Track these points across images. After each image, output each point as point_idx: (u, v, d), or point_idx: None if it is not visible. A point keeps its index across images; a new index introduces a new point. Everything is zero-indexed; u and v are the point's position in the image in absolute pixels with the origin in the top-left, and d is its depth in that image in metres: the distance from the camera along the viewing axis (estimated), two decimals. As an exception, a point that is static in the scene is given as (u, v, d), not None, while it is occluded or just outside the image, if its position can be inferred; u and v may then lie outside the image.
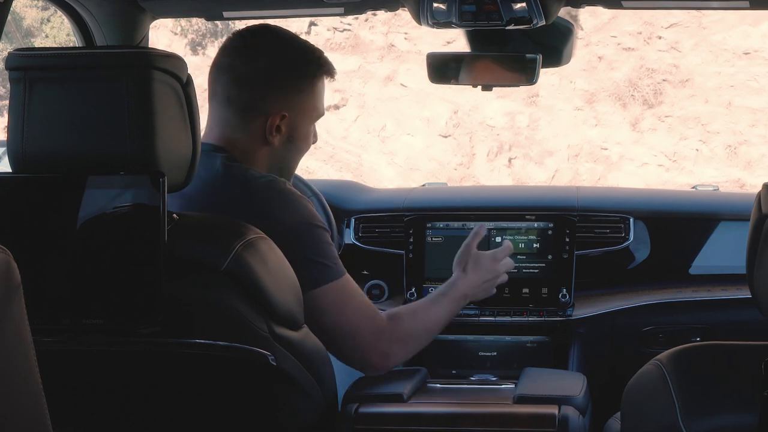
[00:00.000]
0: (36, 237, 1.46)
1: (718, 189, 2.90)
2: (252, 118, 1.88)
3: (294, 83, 1.90)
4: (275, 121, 1.88)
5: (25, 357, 0.99)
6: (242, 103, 1.87)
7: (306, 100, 1.92)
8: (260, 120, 1.88)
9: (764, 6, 2.17)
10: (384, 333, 1.86)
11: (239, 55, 1.89)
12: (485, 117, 10.63)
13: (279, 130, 1.89)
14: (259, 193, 1.79)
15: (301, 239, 1.77)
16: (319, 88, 1.93)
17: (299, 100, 1.91)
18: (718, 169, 9.85)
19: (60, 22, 12.79)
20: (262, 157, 1.90)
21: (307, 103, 1.92)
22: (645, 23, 10.60)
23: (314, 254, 1.78)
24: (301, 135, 1.93)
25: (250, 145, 1.89)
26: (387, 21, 11.09)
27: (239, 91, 1.87)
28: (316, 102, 1.94)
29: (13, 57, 1.49)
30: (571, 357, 2.45)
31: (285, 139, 1.91)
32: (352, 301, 1.83)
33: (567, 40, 2.24)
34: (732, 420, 1.33)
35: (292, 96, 1.89)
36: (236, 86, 1.87)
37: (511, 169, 10.43)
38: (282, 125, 1.89)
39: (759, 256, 1.35)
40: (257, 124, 1.88)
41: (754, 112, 10.00)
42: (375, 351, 1.85)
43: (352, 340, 1.83)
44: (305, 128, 1.94)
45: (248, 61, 1.88)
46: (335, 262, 1.81)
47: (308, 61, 1.92)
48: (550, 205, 2.61)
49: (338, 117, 10.74)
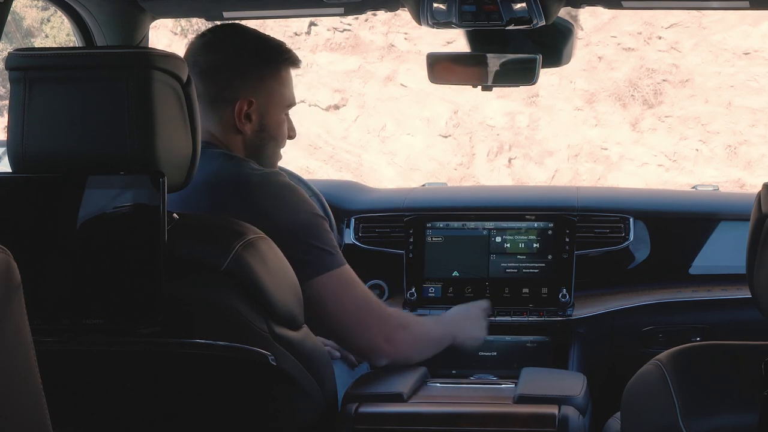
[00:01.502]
0: (36, 237, 1.46)
1: (718, 189, 2.90)
2: (221, 108, 1.93)
3: (257, 70, 1.95)
4: (243, 107, 1.92)
5: (25, 357, 0.99)
6: (210, 96, 1.92)
7: (272, 87, 1.96)
8: (229, 109, 1.93)
9: (764, 6, 2.17)
10: (389, 319, 1.91)
11: (203, 51, 1.95)
12: (485, 117, 10.63)
13: (249, 118, 1.94)
14: (255, 187, 1.82)
15: (302, 229, 1.81)
16: (283, 75, 1.99)
17: (265, 87, 1.95)
18: (718, 169, 9.84)
19: (60, 22, 12.79)
20: (236, 147, 1.95)
21: (273, 89, 1.97)
22: (645, 23, 10.60)
23: (316, 241, 1.82)
24: (272, 123, 1.98)
25: (223, 135, 1.94)
26: (387, 21, 11.08)
27: (205, 84, 1.91)
28: (283, 90, 1.99)
29: (13, 57, 1.49)
30: (571, 357, 2.45)
31: (256, 128, 1.95)
32: (355, 288, 1.87)
33: (567, 40, 2.24)
34: (732, 420, 1.33)
35: (258, 83, 1.95)
36: (202, 80, 1.90)
37: (511, 169, 10.43)
38: (251, 113, 1.94)
39: (759, 256, 1.35)
40: (227, 114, 1.93)
41: (754, 112, 10.00)
42: (380, 335, 1.89)
43: (358, 326, 1.86)
44: (275, 116, 1.98)
45: (211, 55, 1.94)
46: (336, 251, 1.86)
47: (270, 48, 1.98)
48: (550, 205, 2.61)
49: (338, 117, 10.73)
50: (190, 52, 1.96)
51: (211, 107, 1.93)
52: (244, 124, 1.94)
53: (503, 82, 2.27)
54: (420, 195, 2.78)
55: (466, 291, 2.54)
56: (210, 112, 1.92)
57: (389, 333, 1.91)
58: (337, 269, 1.84)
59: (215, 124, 1.93)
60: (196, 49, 1.96)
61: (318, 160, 10.33)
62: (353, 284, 1.87)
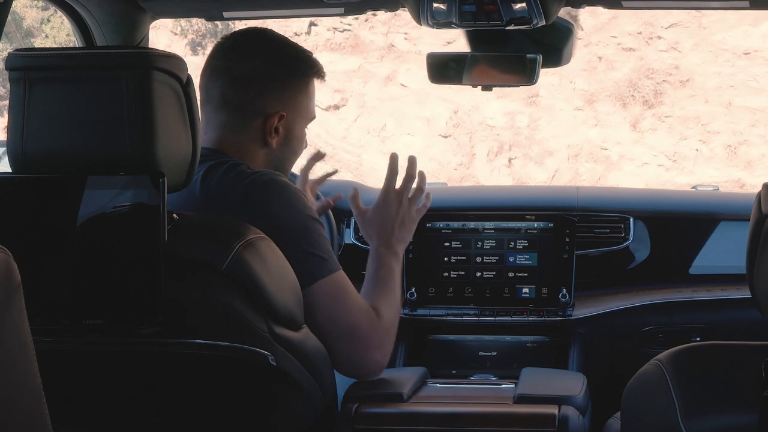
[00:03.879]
0: (36, 237, 1.46)
1: (718, 189, 2.90)
2: (250, 119, 1.88)
3: (290, 83, 1.90)
4: (274, 122, 1.88)
5: (25, 357, 0.99)
6: (239, 104, 1.87)
7: (301, 101, 1.93)
8: (259, 121, 1.88)
9: (764, 6, 2.17)
10: (379, 326, 1.82)
11: (234, 57, 1.89)
12: (485, 117, 10.63)
13: (277, 132, 1.89)
14: (253, 187, 1.79)
15: (297, 232, 1.76)
16: (311, 89, 1.95)
17: (295, 101, 1.91)
18: (718, 169, 9.85)
19: (60, 22, 12.80)
20: (259, 159, 1.90)
21: (302, 103, 1.93)
22: (645, 23, 10.60)
23: (311, 247, 1.76)
24: (296, 137, 1.94)
25: (247, 146, 1.89)
26: (387, 21, 11.09)
27: (236, 91, 1.87)
28: (310, 103, 1.95)
29: (13, 57, 1.49)
30: (571, 357, 2.45)
31: (282, 141, 1.91)
32: (349, 295, 1.80)
33: (567, 40, 2.24)
34: (732, 420, 1.33)
35: (289, 96, 1.90)
36: (232, 87, 1.87)
37: (511, 169, 10.43)
38: (280, 126, 1.89)
39: (759, 256, 1.35)
40: (256, 126, 1.88)
41: (754, 112, 10.00)
42: (372, 345, 1.81)
43: (352, 336, 1.79)
44: (300, 130, 1.95)
45: (244, 62, 1.88)
46: (330, 256, 1.79)
47: (301, 61, 1.93)
48: (550, 205, 2.61)
49: (338, 117, 10.74)
50: (219, 55, 1.90)
51: (236, 116, 1.87)
52: (273, 138, 1.89)
53: (503, 82, 2.27)
54: (420, 195, 2.78)
55: (466, 291, 2.54)
56: (237, 122, 1.88)
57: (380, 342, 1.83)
58: (330, 276, 1.77)
59: (240, 134, 1.88)
60: (226, 52, 1.89)
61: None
62: (347, 292, 1.80)
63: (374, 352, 1.81)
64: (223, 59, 1.89)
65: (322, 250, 1.78)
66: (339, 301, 1.78)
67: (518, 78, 2.21)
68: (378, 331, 1.82)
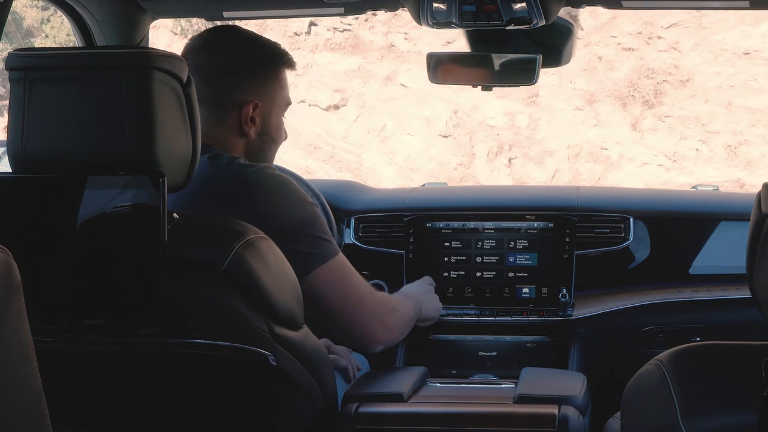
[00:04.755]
0: (36, 237, 1.46)
1: (718, 189, 2.90)
2: (225, 112, 1.93)
3: (260, 72, 1.96)
4: (249, 111, 1.93)
5: (25, 357, 0.99)
6: (213, 99, 1.92)
7: (274, 89, 1.98)
8: (234, 112, 1.94)
9: (764, 6, 2.17)
10: (382, 303, 1.99)
11: (204, 54, 1.94)
12: (485, 117, 10.63)
13: (254, 122, 1.95)
14: (252, 182, 1.82)
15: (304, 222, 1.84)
16: (282, 78, 2.01)
17: (268, 89, 1.97)
18: (718, 169, 9.84)
19: (60, 22, 12.79)
20: (239, 150, 1.96)
21: (275, 92, 1.98)
22: (645, 23, 10.60)
23: (317, 231, 1.86)
24: (274, 126, 2.00)
25: (227, 139, 1.94)
26: (387, 21, 11.08)
27: (209, 87, 1.91)
28: (283, 91, 2.01)
29: (13, 57, 1.49)
30: (571, 357, 2.45)
31: (259, 131, 1.97)
32: (353, 272, 1.92)
33: (567, 40, 2.24)
34: (732, 420, 1.33)
35: (261, 85, 1.96)
36: (205, 83, 1.90)
37: (511, 169, 10.43)
38: (255, 116, 1.95)
39: (759, 256, 1.35)
40: (232, 117, 1.94)
41: (754, 112, 10.00)
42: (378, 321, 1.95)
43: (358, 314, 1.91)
44: (276, 118, 2.00)
45: (213, 57, 1.93)
46: (331, 237, 1.89)
47: (269, 52, 1.99)
48: (550, 205, 2.61)
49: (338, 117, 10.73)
50: (189, 54, 1.95)
51: (213, 111, 1.92)
52: (249, 127, 1.95)
53: (503, 82, 2.27)
54: (420, 195, 2.78)
55: (466, 291, 2.54)
56: (212, 116, 1.92)
57: (384, 318, 1.98)
58: (336, 258, 1.88)
59: (217, 127, 1.93)
60: (196, 51, 1.95)
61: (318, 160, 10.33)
62: (351, 271, 1.92)
63: (377, 326, 1.95)
64: (194, 58, 1.93)
65: (325, 233, 1.88)
66: (344, 284, 1.90)
67: (518, 78, 2.22)
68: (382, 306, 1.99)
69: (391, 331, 2.00)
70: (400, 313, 2.07)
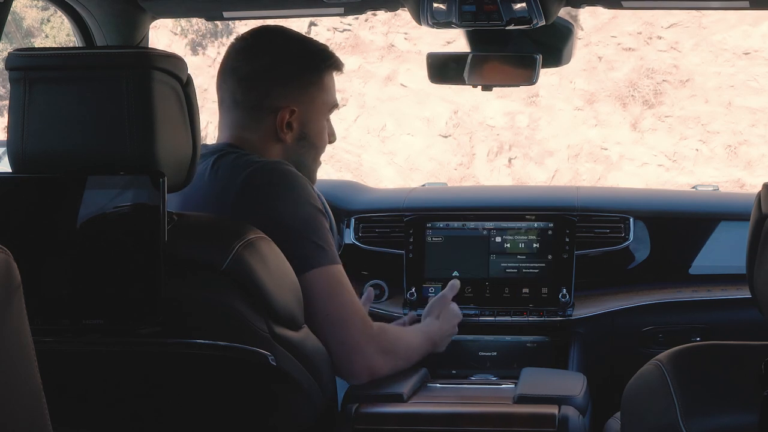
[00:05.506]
0: (36, 237, 1.46)
1: (718, 189, 2.90)
2: (261, 116, 1.89)
3: (299, 77, 1.90)
4: (284, 117, 1.88)
5: (25, 357, 0.99)
6: (249, 103, 1.88)
7: (314, 94, 1.92)
8: (270, 118, 1.88)
9: (764, 6, 2.17)
10: (373, 338, 1.80)
11: (242, 57, 1.90)
12: (485, 117, 10.63)
13: (290, 127, 1.89)
14: (260, 176, 1.79)
15: (303, 222, 1.77)
16: (326, 81, 1.93)
17: (307, 94, 1.91)
18: (718, 169, 9.85)
19: (60, 22, 12.80)
20: (275, 155, 1.90)
21: (315, 96, 1.92)
22: (645, 23, 10.60)
23: (314, 236, 1.77)
24: (314, 131, 1.93)
25: (262, 144, 1.89)
26: (387, 21, 11.09)
27: (244, 91, 1.88)
28: (325, 96, 1.94)
29: (13, 57, 1.49)
30: (571, 357, 2.45)
31: (297, 136, 1.91)
32: (344, 291, 1.78)
33: (567, 40, 2.24)
34: (732, 420, 1.33)
35: (299, 90, 1.90)
36: (241, 87, 1.88)
37: (511, 169, 10.43)
38: (293, 121, 1.89)
39: (759, 256, 1.35)
40: (267, 123, 1.89)
41: (754, 112, 10.00)
42: (361, 353, 1.78)
43: (340, 332, 1.76)
44: (317, 124, 1.94)
45: (251, 61, 1.89)
46: (331, 248, 1.79)
47: (312, 54, 1.93)
48: (550, 205, 2.61)
49: (338, 117, 10.71)
50: (230, 57, 1.91)
51: (250, 115, 1.88)
52: (285, 133, 1.89)
53: (503, 82, 2.27)
54: (420, 195, 2.78)
55: (466, 291, 2.54)
56: (249, 121, 1.88)
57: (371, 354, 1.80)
58: (328, 267, 1.77)
59: (254, 132, 1.88)
60: (235, 54, 1.91)
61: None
62: (343, 287, 1.78)
63: (358, 357, 1.78)
64: (233, 61, 1.90)
65: (323, 240, 1.78)
66: (333, 295, 1.76)
67: (518, 78, 2.21)
68: (371, 340, 1.80)
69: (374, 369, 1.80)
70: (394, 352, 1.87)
